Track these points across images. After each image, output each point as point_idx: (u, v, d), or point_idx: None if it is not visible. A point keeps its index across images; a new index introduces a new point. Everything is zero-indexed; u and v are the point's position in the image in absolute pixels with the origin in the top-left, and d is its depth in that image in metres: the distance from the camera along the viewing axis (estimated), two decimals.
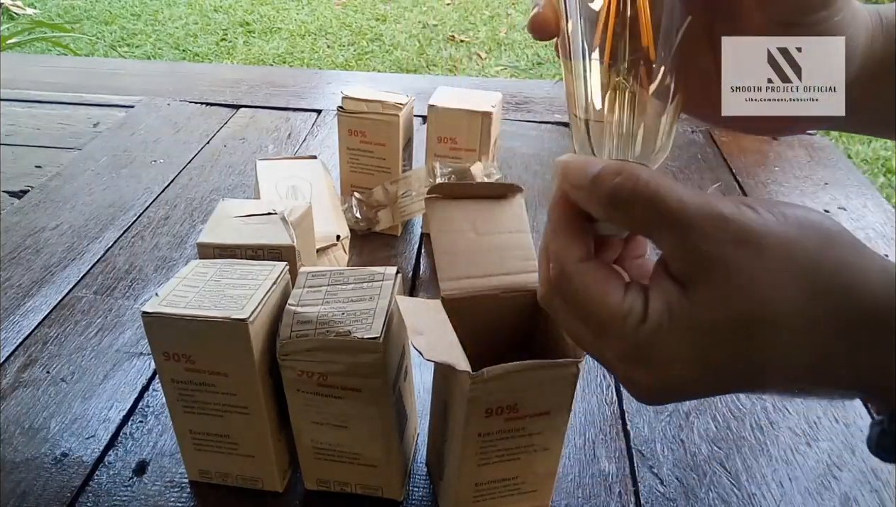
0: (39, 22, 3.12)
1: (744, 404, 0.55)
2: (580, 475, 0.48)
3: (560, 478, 0.48)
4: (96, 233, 0.74)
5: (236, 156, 0.91)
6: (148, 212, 0.78)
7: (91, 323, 0.61)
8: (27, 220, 0.76)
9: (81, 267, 0.68)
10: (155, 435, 0.51)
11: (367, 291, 0.41)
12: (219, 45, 3.17)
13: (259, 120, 1.01)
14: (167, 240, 0.73)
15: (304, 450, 0.44)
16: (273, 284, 0.41)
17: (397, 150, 0.71)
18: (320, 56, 3.07)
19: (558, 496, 0.47)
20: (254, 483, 0.46)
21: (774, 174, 0.89)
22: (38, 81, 1.11)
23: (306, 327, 0.39)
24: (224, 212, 0.50)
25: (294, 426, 0.43)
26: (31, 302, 0.63)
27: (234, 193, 0.82)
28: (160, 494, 0.46)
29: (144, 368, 0.56)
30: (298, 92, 1.10)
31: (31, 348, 0.58)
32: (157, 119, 1.00)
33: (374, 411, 0.41)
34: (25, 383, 0.55)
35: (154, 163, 0.88)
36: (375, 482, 0.45)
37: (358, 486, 0.45)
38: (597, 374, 0.57)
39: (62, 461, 0.48)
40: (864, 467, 0.49)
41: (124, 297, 0.65)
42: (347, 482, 0.45)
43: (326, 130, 0.98)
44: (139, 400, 0.54)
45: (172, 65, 2.28)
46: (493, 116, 0.68)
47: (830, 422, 0.53)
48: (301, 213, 0.51)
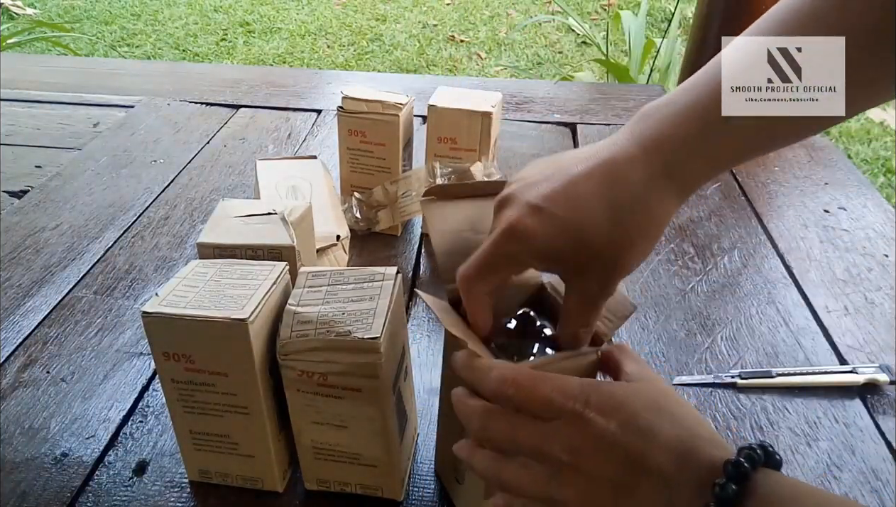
0: (39, 22, 3.13)
1: (744, 404, 0.55)
2: None
3: None
4: (96, 233, 0.74)
5: (236, 156, 0.91)
6: (148, 212, 0.78)
7: (91, 323, 0.61)
8: (27, 220, 0.76)
9: (81, 267, 0.68)
10: (155, 435, 0.51)
11: (368, 291, 0.41)
12: (219, 45, 3.17)
13: (259, 120, 1.01)
14: (167, 240, 0.73)
15: (304, 450, 0.44)
16: (273, 284, 0.41)
17: (397, 150, 0.71)
18: (320, 56, 3.08)
19: None
20: (254, 483, 0.46)
21: (774, 174, 0.89)
22: (38, 81, 1.11)
23: (306, 327, 0.39)
24: (224, 212, 0.50)
25: (294, 426, 0.43)
26: (31, 302, 0.63)
27: (234, 193, 0.82)
28: (160, 494, 0.46)
29: (144, 368, 0.56)
30: (298, 92, 1.10)
31: (31, 348, 0.58)
32: (157, 119, 1.00)
33: (374, 411, 0.41)
34: (25, 383, 0.55)
35: (154, 163, 0.88)
36: (375, 483, 0.45)
37: (358, 486, 0.45)
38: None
39: (62, 460, 0.48)
40: (864, 467, 0.49)
41: (124, 297, 0.65)
42: (347, 483, 0.45)
43: (326, 130, 0.98)
44: (139, 400, 0.54)
45: (172, 65, 2.28)
46: (493, 116, 0.68)
47: (830, 422, 0.53)
48: (301, 213, 0.51)
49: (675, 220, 0.78)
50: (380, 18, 3.45)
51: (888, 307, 0.65)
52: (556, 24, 3.33)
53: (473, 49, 3.14)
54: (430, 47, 3.14)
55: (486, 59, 3.05)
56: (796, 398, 0.55)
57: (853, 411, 0.54)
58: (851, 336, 0.61)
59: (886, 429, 0.52)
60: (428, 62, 3.01)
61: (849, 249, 0.74)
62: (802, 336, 0.62)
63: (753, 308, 0.65)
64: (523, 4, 3.61)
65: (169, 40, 3.19)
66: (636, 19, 2.14)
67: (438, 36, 3.26)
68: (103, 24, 3.34)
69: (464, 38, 3.23)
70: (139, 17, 3.42)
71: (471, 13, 3.50)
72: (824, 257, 0.73)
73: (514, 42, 3.20)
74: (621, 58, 2.78)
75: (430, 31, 3.30)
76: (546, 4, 3.62)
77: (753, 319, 0.64)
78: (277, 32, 3.28)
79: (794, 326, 0.63)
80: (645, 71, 2.16)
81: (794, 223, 0.79)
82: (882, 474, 0.49)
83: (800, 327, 0.63)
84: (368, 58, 3.05)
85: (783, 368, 0.58)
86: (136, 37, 3.22)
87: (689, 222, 0.78)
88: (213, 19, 3.41)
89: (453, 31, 3.31)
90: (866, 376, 0.56)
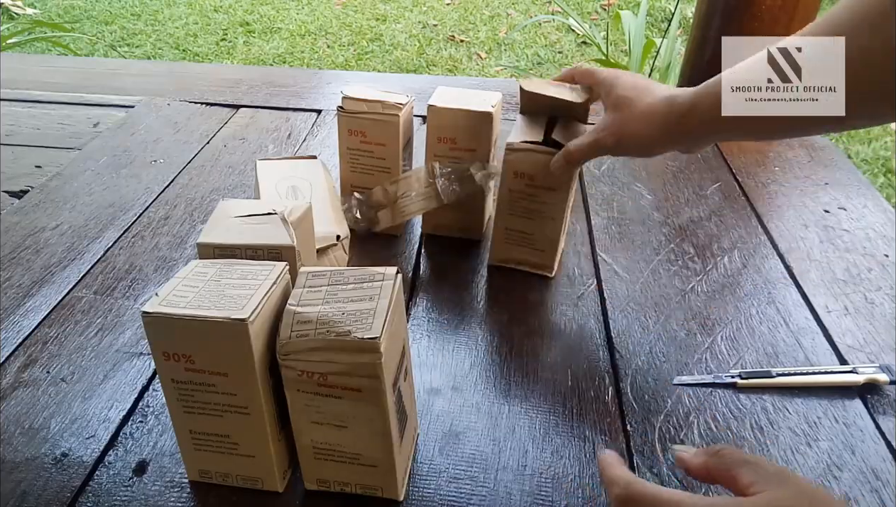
0: (39, 22, 3.13)
1: (744, 404, 0.55)
2: (580, 476, 0.48)
3: (560, 478, 0.48)
4: (96, 233, 0.74)
5: (236, 156, 0.91)
6: (148, 212, 0.78)
7: (91, 323, 0.61)
8: (27, 220, 0.76)
9: (81, 267, 0.68)
10: (155, 435, 0.51)
11: (367, 291, 0.41)
12: (219, 45, 3.17)
13: (259, 120, 1.01)
14: (167, 240, 0.73)
15: (303, 450, 0.44)
16: (273, 284, 0.41)
17: (397, 150, 0.71)
18: (320, 56, 3.08)
19: (558, 496, 0.47)
20: (254, 483, 0.46)
21: (774, 174, 0.89)
22: (38, 81, 1.11)
23: (306, 327, 0.39)
24: (224, 212, 0.50)
25: (294, 426, 0.43)
26: (32, 302, 0.63)
27: (234, 193, 0.82)
28: (160, 494, 0.46)
29: (144, 368, 0.56)
30: (298, 92, 1.10)
31: (32, 348, 0.58)
32: (158, 119, 1.00)
33: (374, 411, 0.41)
34: (25, 383, 0.55)
35: (154, 163, 0.89)
36: (375, 483, 0.45)
37: (358, 486, 0.45)
38: (596, 374, 0.57)
39: (62, 460, 0.48)
40: (864, 467, 0.49)
41: (124, 297, 0.65)
42: (347, 483, 0.45)
43: (326, 130, 0.98)
44: (139, 400, 0.54)
45: (172, 65, 2.28)
46: (493, 116, 0.67)
47: (830, 422, 0.53)
48: (301, 213, 0.51)
49: (675, 220, 0.78)
50: (380, 18, 3.45)
51: (888, 307, 0.65)
52: (556, 24, 3.33)
53: (473, 49, 3.14)
54: (430, 47, 3.14)
55: (486, 60, 3.05)
56: (796, 398, 0.55)
57: (853, 411, 0.54)
58: (851, 336, 0.61)
59: (886, 429, 0.52)
60: (428, 62, 3.01)
61: (849, 249, 0.74)
62: (802, 336, 0.62)
63: (753, 308, 0.65)
64: (523, 4, 3.61)
65: (169, 40, 3.19)
66: (636, 19, 2.14)
67: (438, 36, 3.26)
68: (103, 24, 3.34)
69: (464, 39, 3.23)
70: (139, 17, 3.42)
71: (471, 13, 3.50)
72: (824, 257, 0.73)
73: (514, 42, 3.20)
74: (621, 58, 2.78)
75: (430, 32, 3.30)
76: (546, 4, 3.62)
77: (753, 319, 0.64)
78: (277, 32, 3.28)
79: (794, 326, 0.63)
80: (645, 71, 2.16)
81: (795, 223, 0.79)
82: (882, 474, 0.49)
83: (800, 327, 0.63)
84: (368, 58, 3.05)
85: (783, 368, 0.58)
86: (136, 37, 3.22)
87: (689, 222, 0.78)
88: (213, 19, 3.41)
89: (453, 31, 3.31)
90: (866, 376, 0.56)
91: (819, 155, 0.93)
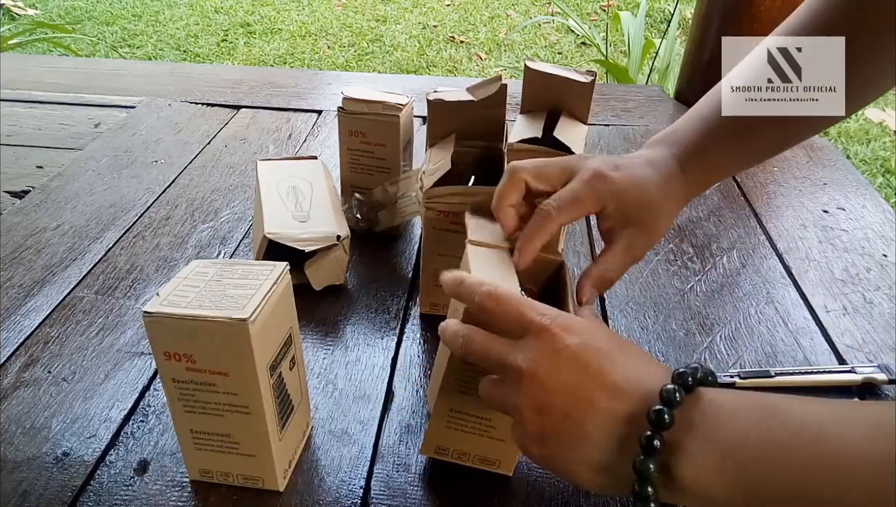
0: (41, 23, 3.13)
1: None
2: None
3: (560, 478, 0.48)
4: (97, 233, 0.74)
5: (237, 156, 0.91)
6: (149, 212, 0.78)
7: (92, 323, 0.61)
8: (28, 220, 0.76)
9: (83, 267, 0.69)
10: (156, 435, 0.51)
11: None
12: (220, 45, 3.18)
13: (260, 120, 1.01)
14: (168, 240, 0.73)
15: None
16: (274, 284, 0.41)
17: (397, 150, 0.71)
18: (321, 57, 3.08)
19: (559, 496, 0.47)
20: (254, 483, 0.46)
21: (773, 174, 0.89)
22: (40, 82, 1.11)
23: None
24: None
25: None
26: (33, 302, 0.64)
27: (235, 193, 0.82)
28: (161, 493, 0.46)
29: (145, 367, 0.57)
30: (299, 93, 1.10)
31: (33, 347, 0.58)
32: (158, 120, 1.00)
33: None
34: (27, 382, 0.55)
35: (155, 163, 0.89)
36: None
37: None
38: None
39: (63, 460, 0.48)
40: None
41: (125, 297, 0.65)
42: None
43: (327, 131, 0.98)
44: (140, 400, 0.54)
45: (173, 66, 2.28)
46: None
47: None
48: None
49: (674, 220, 0.78)
50: (380, 19, 3.45)
51: (886, 307, 0.65)
52: (555, 24, 3.34)
53: (473, 50, 3.14)
54: (430, 48, 3.14)
55: (485, 60, 3.05)
56: None
57: None
58: (850, 336, 0.62)
59: None
60: (428, 63, 3.01)
61: (847, 249, 0.74)
62: (801, 336, 0.62)
63: (752, 308, 0.65)
64: (523, 5, 3.61)
65: (170, 41, 3.20)
66: (635, 20, 2.14)
67: (438, 37, 3.26)
68: (104, 24, 3.35)
69: (464, 39, 3.23)
70: (140, 18, 3.43)
71: (471, 14, 3.51)
72: (823, 257, 0.73)
73: (514, 43, 3.20)
74: (620, 58, 2.78)
75: (430, 32, 3.31)
76: (545, 5, 3.63)
77: (752, 319, 0.64)
78: (278, 33, 3.29)
79: (792, 325, 0.63)
80: (644, 71, 2.16)
81: (793, 223, 0.79)
82: None
83: (798, 327, 0.63)
84: (369, 59, 3.06)
85: (782, 367, 0.58)
86: (137, 38, 3.23)
87: (688, 222, 0.78)
88: (213, 20, 3.42)
89: (453, 32, 3.31)
90: (865, 375, 0.56)
91: (818, 155, 0.94)
